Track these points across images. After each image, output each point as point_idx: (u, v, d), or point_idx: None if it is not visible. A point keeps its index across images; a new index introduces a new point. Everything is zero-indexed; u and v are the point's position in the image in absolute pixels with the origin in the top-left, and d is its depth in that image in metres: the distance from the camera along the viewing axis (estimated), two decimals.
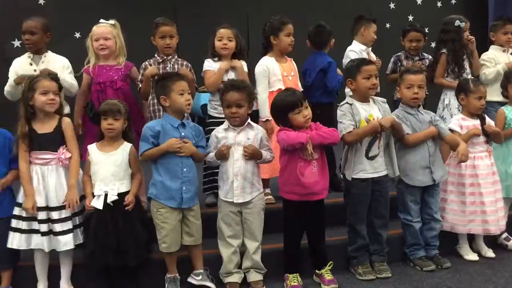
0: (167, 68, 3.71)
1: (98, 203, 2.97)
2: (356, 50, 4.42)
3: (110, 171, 3.03)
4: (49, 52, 3.70)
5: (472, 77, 4.22)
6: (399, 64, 4.61)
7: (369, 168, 3.26)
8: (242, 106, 3.09)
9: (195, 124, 3.23)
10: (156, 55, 3.77)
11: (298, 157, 3.06)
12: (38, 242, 3.01)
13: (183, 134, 3.05)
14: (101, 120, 3.06)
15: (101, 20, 3.75)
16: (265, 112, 3.69)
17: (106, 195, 2.98)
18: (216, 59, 3.81)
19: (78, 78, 3.74)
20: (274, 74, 3.80)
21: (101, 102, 3.31)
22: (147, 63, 3.73)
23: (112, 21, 3.75)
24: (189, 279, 3.16)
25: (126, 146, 3.11)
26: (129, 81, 3.76)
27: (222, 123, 3.27)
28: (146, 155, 3.04)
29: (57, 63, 3.64)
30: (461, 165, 3.51)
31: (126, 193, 3.04)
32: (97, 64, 3.71)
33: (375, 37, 4.52)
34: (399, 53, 4.69)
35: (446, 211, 3.57)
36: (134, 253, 3.01)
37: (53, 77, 3.10)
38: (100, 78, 3.65)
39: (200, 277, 3.12)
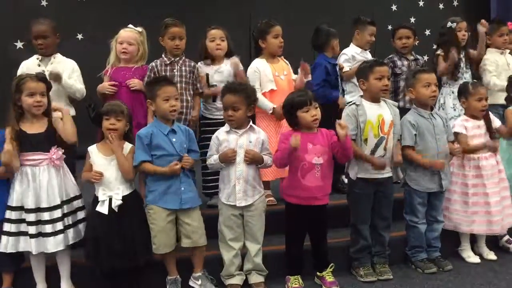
0: (175, 69, 3.70)
1: (103, 209, 2.93)
2: (347, 53, 4.40)
3: (113, 175, 2.99)
4: (58, 54, 3.69)
5: (474, 80, 4.22)
6: (392, 66, 4.44)
7: (373, 169, 3.25)
8: (238, 109, 3.06)
9: (186, 127, 3.19)
10: (163, 56, 3.76)
11: (300, 159, 3.05)
12: (25, 245, 2.93)
13: (174, 140, 3.02)
14: (103, 121, 3.01)
15: (130, 25, 3.80)
16: (267, 105, 3.77)
17: (110, 200, 2.94)
18: (209, 61, 3.86)
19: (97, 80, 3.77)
20: (265, 75, 3.84)
21: None
22: (154, 64, 3.73)
23: (139, 28, 3.80)
24: (190, 283, 3.14)
25: (127, 146, 3.06)
26: None
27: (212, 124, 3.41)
28: (143, 168, 3.00)
29: (66, 65, 3.64)
30: (465, 165, 3.52)
31: (129, 195, 3.01)
32: (115, 66, 3.74)
33: (372, 39, 4.44)
34: (391, 56, 4.56)
35: (449, 210, 3.58)
36: (141, 253, 2.98)
37: (41, 78, 3.02)
38: (115, 79, 3.67)
39: (200, 281, 3.10)
